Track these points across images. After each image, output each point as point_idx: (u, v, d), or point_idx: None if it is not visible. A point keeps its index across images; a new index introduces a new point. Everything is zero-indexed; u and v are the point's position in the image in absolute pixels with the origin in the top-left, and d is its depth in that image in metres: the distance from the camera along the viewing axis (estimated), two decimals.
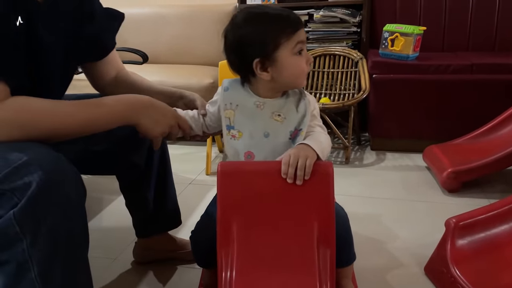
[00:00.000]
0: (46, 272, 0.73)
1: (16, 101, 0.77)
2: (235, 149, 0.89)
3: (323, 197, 0.80)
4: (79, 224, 0.78)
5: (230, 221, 0.81)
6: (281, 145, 0.87)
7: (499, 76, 2.01)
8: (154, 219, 1.25)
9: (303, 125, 0.88)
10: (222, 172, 0.81)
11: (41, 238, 0.71)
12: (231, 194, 0.81)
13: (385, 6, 2.48)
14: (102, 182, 1.83)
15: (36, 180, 0.69)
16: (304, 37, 0.87)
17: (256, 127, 0.88)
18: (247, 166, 0.84)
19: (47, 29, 0.86)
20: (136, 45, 2.28)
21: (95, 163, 1.10)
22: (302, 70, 0.87)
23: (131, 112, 0.88)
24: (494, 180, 1.82)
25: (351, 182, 1.89)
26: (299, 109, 0.90)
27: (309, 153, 0.80)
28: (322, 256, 0.79)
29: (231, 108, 0.90)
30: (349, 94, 2.33)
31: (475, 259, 1.12)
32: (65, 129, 0.82)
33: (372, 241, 1.41)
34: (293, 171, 0.79)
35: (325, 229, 0.80)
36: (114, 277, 1.25)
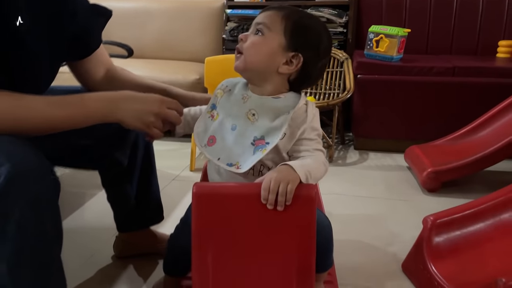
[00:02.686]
0: (16, 267, 0.71)
1: None
2: (206, 127, 0.87)
3: (304, 223, 0.75)
4: (50, 220, 0.76)
5: (205, 247, 0.76)
6: (241, 146, 0.82)
7: (479, 79, 2.06)
8: (136, 214, 1.25)
9: (271, 139, 0.81)
10: (198, 194, 0.75)
11: (9, 232, 0.69)
12: (206, 219, 0.76)
13: (371, 8, 2.52)
14: (84, 177, 1.81)
15: (4, 173, 0.67)
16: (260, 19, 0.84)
17: (229, 116, 0.85)
18: (224, 188, 0.79)
19: (28, 28, 0.84)
20: (121, 39, 2.26)
21: (77, 158, 1.09)
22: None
23: (109, 108, 0.85)
24: (473, 181, 1.86)
25: (333, 181, 1.91)
26: (276, 120, 0.82)
27: (291, 177, 0.74)
28: (300, 286, 0.76)
29: (224, 89, 0.89)
30: (334, 93, 2.35)
31: (451, 256, 1.15)
32: (36, 125, 0.79)
33: (352, 238, 1.43)
34: (274, 197, 0.74)
35: (305, 258, 0.76)
36: (94, 270, 1.24)
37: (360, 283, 1.20)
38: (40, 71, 0.92)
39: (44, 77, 0.96)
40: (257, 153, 0.81)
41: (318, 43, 0.86)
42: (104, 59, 1.09)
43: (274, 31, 0.82)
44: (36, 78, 0.92)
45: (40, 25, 0.88)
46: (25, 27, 0.83)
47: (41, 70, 0.92)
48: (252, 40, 0.83)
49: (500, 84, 2.03)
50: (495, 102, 1.89)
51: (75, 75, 1.08)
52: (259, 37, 0.83)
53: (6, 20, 0.74)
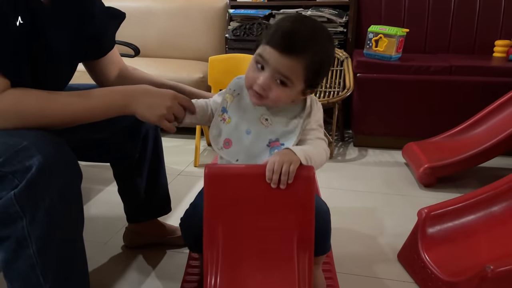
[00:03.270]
0: (44, 248, 0.79)
1: (15, 93, 0.81)
2: (220, 131, 0.91)
3: (304, 200, 0.82)
4: (75, 205, 0.84)
5: (215, 222, 0.83)
6: (258, 148, 0.88)
7: (476, 78, 2.12)
8: (145, 205, 1.31)
9: (286, 142, 0.87)
10: (209, 174, 0.82)
11: (39, 217, 0.77)
12: (217, 196, 0.83)
13: (370, 8, 2.57)
14: (95, 171, 1.88)
15: (36, 164, 0.74)
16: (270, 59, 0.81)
17: (243, 120, 0.90)
18: (232, 169, 0.86)
19: (52, 29, 0.90)
20: (126, 38, 2.31)
21: (90, 151, 1.15)
22: (248, 77, 0.85)
23: (126, 101, 0.90)
24: (467, 176, 1.92)
25: (333, 176, 1.97)
26: (289, 124, 0.88)
27: (293, 158, 0.80)
28: (301, 256, 0.83)
29: (232, 93, 0.92)
30: (334, 92, 2.41)
31: (444, 246, 1.21)
32: (61, 119, 0.86)
33: (351, 230, 1.50)
34: (277, 177, 0.80)
35: (305, 231, 0.82)
36: (105, 260, 1.31)
37: (357, 271, 1.26)
38: (60, 70, 0.98)
39: (64, 76, 1.02)
40: (273, 152, 0.87)
41: (330, 68, 0.91)
42: (117, 59, 1.15)
43: (296, 82, 0.84)
44: (56, 77, 0.97)
45: (62, 26, 0.94)
46: (46, 27, 0.89)
47: (61, 69, 0.99)
48: (278, 93, 0.84)
49: (496, 83, 2.09)
50: (490, 101, 1.95)
51: (91, 74, 1.14)
52: (283, 89, 0.84)
53: (6, 20, 0.79)
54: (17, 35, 0.82)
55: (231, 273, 0.81)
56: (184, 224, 1.03)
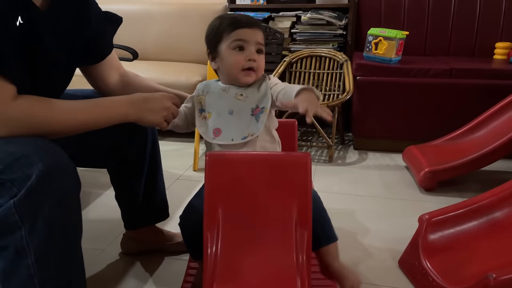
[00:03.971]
0: (42, 258, 0.77)
1: (26, 101, 0.82)
2: (205, 127, 1.00)
3: (301, 184, 0.88)
4: (74, 215, 0.83)
5: (216, 205, 0.87)
6: (244, 121, 0.97)
7: (476, 81, 2.11)
8: (143, 212, 1.30)
9: (265, 104, 0.98)
10: (210, 160, 0.89)
11: (38, 226, 0.76)
12: (217, 180, 0.88)
13: (370, 11, 2.56)
14: (92, 176, 1.87)
15: (36, 172, 0.73)
16: (247, 37, 0.97)
17: (222, 106, 0.99)
18: (232, 156, 0.91)
19: (49, 34, 0.90)
20: (124, 41, 2.30)
21: (87, 157, 1.14)
22: (237, 63, 0.97)
23: (129, 110, 0.94)
24: (469, 180, 1.91)
25: (333, 180, 1.96)
26: (260, 89, 1.00)
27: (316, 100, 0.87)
28: (300, 236, 0.86)
29: (202, 94, 1.03)
30: (333, 95, 2.40)
31: (445, 252, 1.19)
32: (66, 128, 0.87)
33: (351, 236, 1.48)
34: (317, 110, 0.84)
35: (303, 213, 0.87)
36: (102, 267, 1.30)
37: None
38: (57, 75, 0.97)
39: (61, 81, 1.01)
40: (261, 117, 0.97)
41: None
42: (116, 64, 1.14)
43: (264, 48, 1.02)
44: (53, 82, 0.97)
45: (59, 31, 0.93)
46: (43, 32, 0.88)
47: (58, 74, 0.98)
48: (261, 61, 1.01)
49: (497, 85, 2.08)
50: (491, 103, 1.94)
51: (88, 80, 1.13)
52: (262, 56, 1.01)
53: (7, 24, 0.79)
54: (18, 39, 0.82)
55: (230, 254, 0.84)
56: (184, 222, 1.04)
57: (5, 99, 0.79)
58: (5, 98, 0.79)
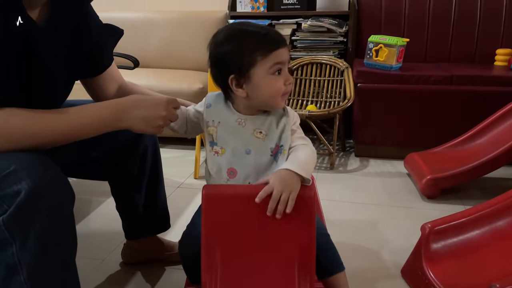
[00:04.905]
0: (35, 275, 0.76)
1: (3, 114, 0.79)
2: (218, 165, 0.89)
3: (304, 222, 0.81)
4: (67, 229, 0.81)
5: (214, 244, 0.82)
6: (263, 162, 0.87)
7: (477, 88, 2.10)
8: (144, 222, 1.29)
9: (283, 142, 0.88)
10: (207, 195, 0.81)
11: (29, 242, 0.74)
12: (215, 217, 0.81)
13: (370, 18, 2.56)
14: (92, 184, 1.85)
15: (25, 188, 0.72)
16: (284, 58, 0.85)
17: (238, 144, 0.88)
18: (230, 189, 0.84)
19: (47, 49, 0.88)
20: (125, 48, 2.31)
21: (87, 169, 1.13)
22: (278, 90, 0.86)
23: (117, 116, 0.87)
24: (471, 188, 1.90)
25: (334, 187, 1.95)
26: (279, 125, 0.89)
27: (294, 185, 0.79)
28: (302, 280, 0.81)
29: (213, 125, 0.90)
30: (334, 102, 2.40)
31: (448, 262, 1.18)
32: (51, 138, 0.83)
33: (352, 244, 1.47)
34: (274, 205, 0.78)
35: (306, 254, 0.81)
36: (103, 277, 1.29)
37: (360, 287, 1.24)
38: (56, 89, 0.96)
39: (60, 94, 1.00)
40: (279, 159, 0.87)
41: None
42: (116, 76, 1.14)
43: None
44: (52, 94, 0.96)
45: (58, 46, 0.92)
46: (40, 47, 0.87)
47: (57, 88, 0.97)
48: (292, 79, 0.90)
49: (498, 92, 2.07)
50: (492, 110, 1.93)
51: (88, 91, 1.12)
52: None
53: (6, 20, 0.78)
54: (7, 54, 0.80)
55: None
56: (183, 250, 0.99)
57: None
58: None
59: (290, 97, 2.46)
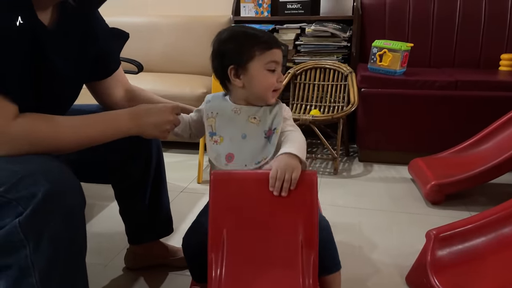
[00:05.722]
0: (47, 278, 0.76)
1: (26, 119, 0.81)
2: (217, 152, 0.96)
3: (308, 204, 0.86)
4: (79, 232, 0.83)
5: (221, 224, 0.86)
6: (258, 144, 0.95)
7: (482, 93, 2.09)
8: (147, 227, 1.29)
9: (276, 125, 0.95)
10: (215, 179, 0.88)
11: (43, 245, 0.75)
12: (222, 199, 0.87)
13: (374, 22, 2.56)
14: (96, 188, 1.86)
15: (41, 190, 0.73)
16: (278, 58, 0.96)
17: (234, 130, 0.96)
18: (237, 175, 0.90)
19: (56, 52, 0.90)
20: (129, 53, 2.31)
21: (91, 173, 1.13)
22: (271, 84, 0.95)
23: (132, 124, 0.94)
24: (476, 193, 1.89)
25: (338, 193, 1.94)
26: (272, 111, 0.98)
27: (295, 165, 0.86)
28: (306, 257, 0.85)
29: (212, 116, 0.99)
30: (338, 106, 2.39)
31: (454, 269, 1.17)
32: (68, 144, 0.87)
33: (356, 250, 1.46)
34: (280, 184, 0.86)
35: (309, 233, 0.86)
36: (106, 282, 1.28)
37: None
38: (64, 92, 0.98)
39: (68, 97, 1.01)
40: (272, 139, 0.95)
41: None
42: (122, 80, 1.14)
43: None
44: (61, 98, 0.97)
45: (66, 49, 0.93)
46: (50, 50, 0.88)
47: (66, 91, 0.98)
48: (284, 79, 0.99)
49: (503, 97, 2.06)
50: (497, 115, 1.92)
51: (93, 95, 1.13)
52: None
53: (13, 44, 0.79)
54: (22, 58, 0.81)
55: (235, 276, 0.83)
56: (186, 242, 1.01)
57: (6, 118, 0.79)
58: (6, 117, 0.79)
59: (293, 101, 2.46)
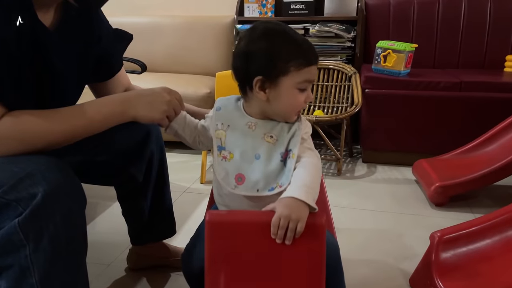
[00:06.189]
0: (46, 278, 0.76)
1: (11, 117, 0.79)
2: (226, 171, 0.85)
3: (314, 252, 0.77)
4: (79, 232, 0.82)
5: (218, 272, 0.78)
6: (273, 168, 0.84)
7: (486, 94, 2.08)
8: (150, 228, 1.28)
9: (292, 146, 0.85)
10: (211, 222, 0.78)
11: (43, 246, 0.75)
12: (219, 245, 0.78)
13: (378, 23, 2.55)
14: (99, 188, 1.85)
15: (41, 191, 0.73)
16: (313, 77, 0.86)
17: (247, 148, 0.85)
18: (236, 216, 0.81)
19: (57, 53, 0.89)
20: (133, 53, 2.31)
21: (94, 174, 1.13)
22: (299, 104, 0.85)
23: (124, 107, 0.88)
24: (481, 195, 1.87)
25: (341, 194, 1.93)
26: (290, 130, 0.87)
27: (301, 214, 0.75)
28: None
29: (222, 128, 0.88)
30: (342, 107, 2.38)
31: (458, 272, 1.16)
32: (62, 136, 0.84)
33: (359, 252, 1.45)
34: (283, 233, 0.75)
35: (315, 284, 0.78)
36: (108, 283, 1.28)
37: None
38: (67, 93, 0.97)
39: (70, 97, 1.01)
40: (288, 164, 0.83)
41: None
42: (124, 81, 1.14)
43: None
44: (63, 98, 0.96)
45: (68, 50, 0.93)
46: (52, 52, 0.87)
47: (68, 92, 0.97)
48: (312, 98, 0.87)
49: (508, 98, 2.04)
50: (502, 117, 1.91)
51: (95, 95, 1.12)
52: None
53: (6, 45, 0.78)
54: (18, 60, 0.80)
55: None
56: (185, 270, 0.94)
57: None
58: None
59: None
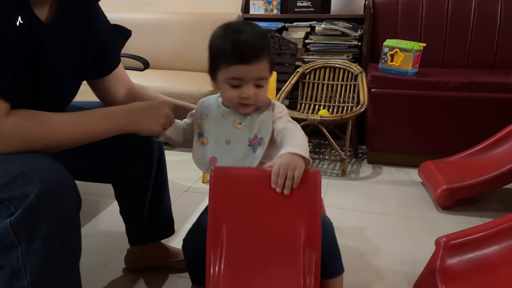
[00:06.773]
0: (38, 280, 0.74)
1: (17, 116, 0.79)
2: (202, 154, 0.95)
3: (310, 203, 0.83)
4: (73, 234, 0.80)
5: (220, 222, 0.83)
6: (241, 152, 0.91)
7: (496, 95, 2.03)
8: (148, 228, 1.26)
9: (264, 135, 0.90)
10: (216, 176, 0.85)
11: (35, 247, 0.73)
12: (222, 197, 0.84)
13: (386, 22, 2.50)
14: (97, 186, 1.83)
15: (35, 190, 0.71)
16: (245, 75, 0.87)
17: (219, 134, 0.94)
18: (239, 171, 0.88)
19: (54, 48, 0.87)
20: (137, 50, 2.30)
21: (92, 172, 1.11)
22: (232, 99, 0.89)
23: (127, 120, 0.91)
24: (489, 199, 1.83)
25: (346, 195, 1.90)
26: (260, 117, 0.92)
27: (298, 164, 0.82)
28: (308, 256, 0.82)
29: (201, 117, 0.97)
30: (347, 107, 2.35)
31: (464, 278, 1.13)
32: (63, 141, 0.84)
33: (363, 255, 1.42)
34: (283, 181, 0.82)
35: (311, 233, 0.83)
36: (105, 283, 1.26)
37: None
38: (64, 88, 0.95)
39: (67, 93, 0.99)
40: (258, 150, 0.90)
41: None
42: (123, 77, 1.12)
43: (268, 76, 0.91)
44: (60, 94, 0.95)
45: (65, 45, 0.91)
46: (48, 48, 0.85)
47: (65, 87, 0.96)
48: (262, 94, 0.90)
49: None
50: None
51: (95, 92, 1.11)
52: (263, 88, 0.91)
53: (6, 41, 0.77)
54: (16, 55, 0.79)
55: (234, 274, 0.81)
56: (187, 245, 0.98)
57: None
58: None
59: (302, 101, 2.42)
